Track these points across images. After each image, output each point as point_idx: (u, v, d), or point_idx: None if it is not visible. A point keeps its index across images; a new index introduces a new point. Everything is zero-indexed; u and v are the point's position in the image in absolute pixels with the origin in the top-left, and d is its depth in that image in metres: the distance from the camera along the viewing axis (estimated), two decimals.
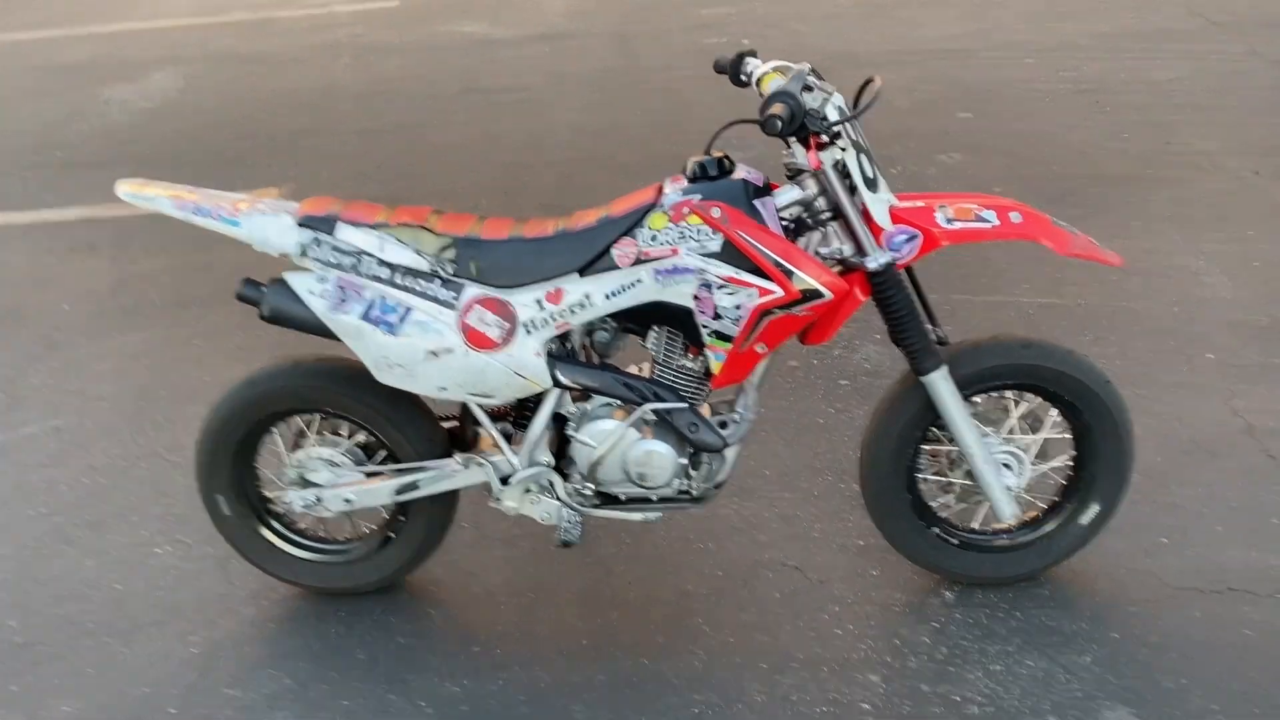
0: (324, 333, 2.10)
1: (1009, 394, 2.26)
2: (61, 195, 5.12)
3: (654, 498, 2.24)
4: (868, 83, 2.05)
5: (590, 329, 2.16)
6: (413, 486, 2.25)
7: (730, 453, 2.21)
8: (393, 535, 2.40)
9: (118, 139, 5.82)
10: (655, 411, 2.12)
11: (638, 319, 2.11)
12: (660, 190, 2.04)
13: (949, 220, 2.01)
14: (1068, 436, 2.29)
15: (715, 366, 2.07)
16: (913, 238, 2.02)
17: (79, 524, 2.78)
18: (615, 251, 2.01)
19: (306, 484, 2.30)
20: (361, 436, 2.31)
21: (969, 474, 2.25)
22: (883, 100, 2.02)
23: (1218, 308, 3.41)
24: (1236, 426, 2.84)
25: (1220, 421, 2.86)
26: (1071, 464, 2.32)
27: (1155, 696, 2.08)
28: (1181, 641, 2.20)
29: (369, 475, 2.29)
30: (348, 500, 2.28)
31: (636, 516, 2.26)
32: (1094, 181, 4.39)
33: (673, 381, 2.14)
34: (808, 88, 1.95)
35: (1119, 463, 2.24)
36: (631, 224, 2.01)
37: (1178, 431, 2.83)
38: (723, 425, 2.18)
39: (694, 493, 2.24)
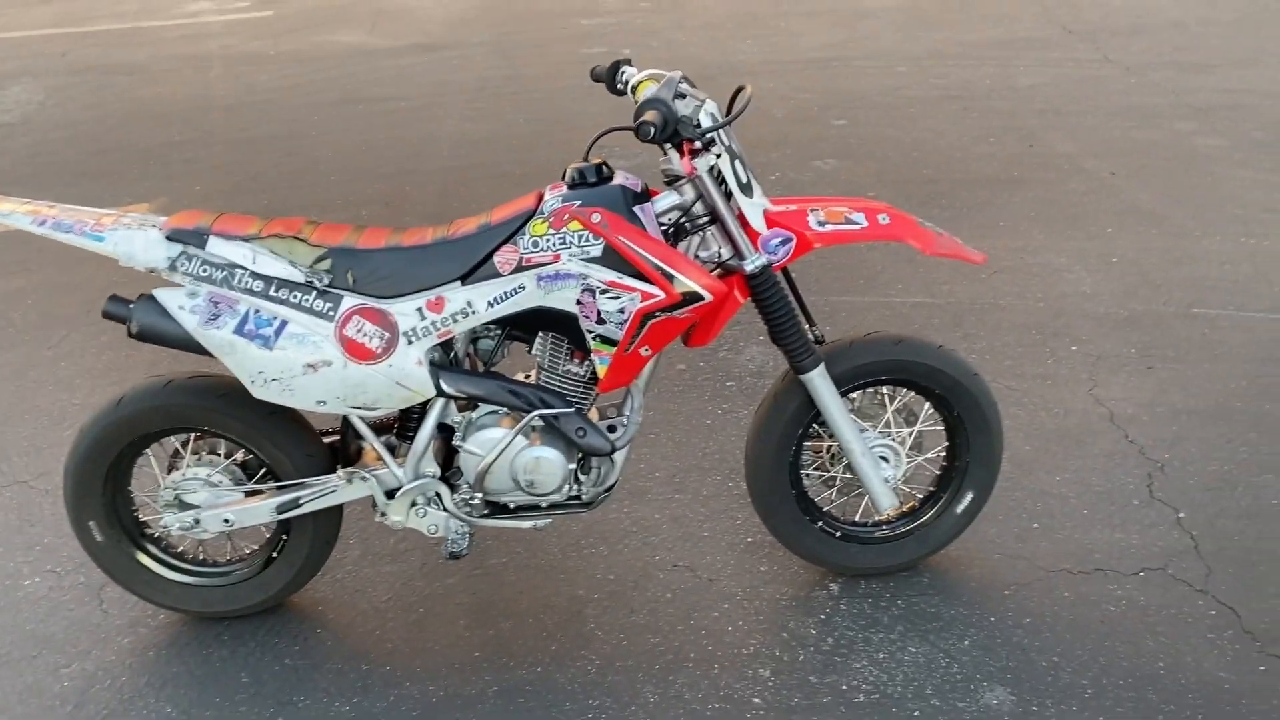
0: (196, 349, 2.04)
1: (884, 389, 2.33)
2: None
3: (544, 504, 2.24)
4: (739, 90, 2.09)
5: (474, 337, 2.16)
6: (294, 504, 2.20)
7: (619, 456, 2.22)
8: (276, 555, 2.34)
9: None
10: (542, 417, 2.13)
11: (522, 326, 2.12)
12: (540, 197, 2.05)
13: (821, 223, 2.07)
14: (941, 429, 2.37)
15: (601, 371, 2.08)
16: (787, 240, 2.07)
17: None
18: (497, 259, 2.01)
19: (184, 506, 2.23)
20: (240, 455, 2.25)
21: (849, 468, 2.32)
22: (761, 109, 2.07)
23: (1080, 302, 3.59)
24: (1099, 414, 2.98)
25: (1084, 410, 3.00)
26: (945, 455, 2.41)
27: (1031, 676, 2.17)
28: (1053, 621, 2.30)
29: (248, 494, 2.23)
30: (227, 521, 2.22)
31: (526, 524, 2.26)
32: (962, 184, 4.57)
33: (559, 387, 2.15)
34: (680, 95, 1.98)
35: (989, 452, 2.33)
36: (512, 231, 2.01)
37: (1045, 421, 2.96)
38: (611, 429, 2.20)
39: (584, 497, 2.25)
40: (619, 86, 2.28)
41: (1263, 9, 7.01)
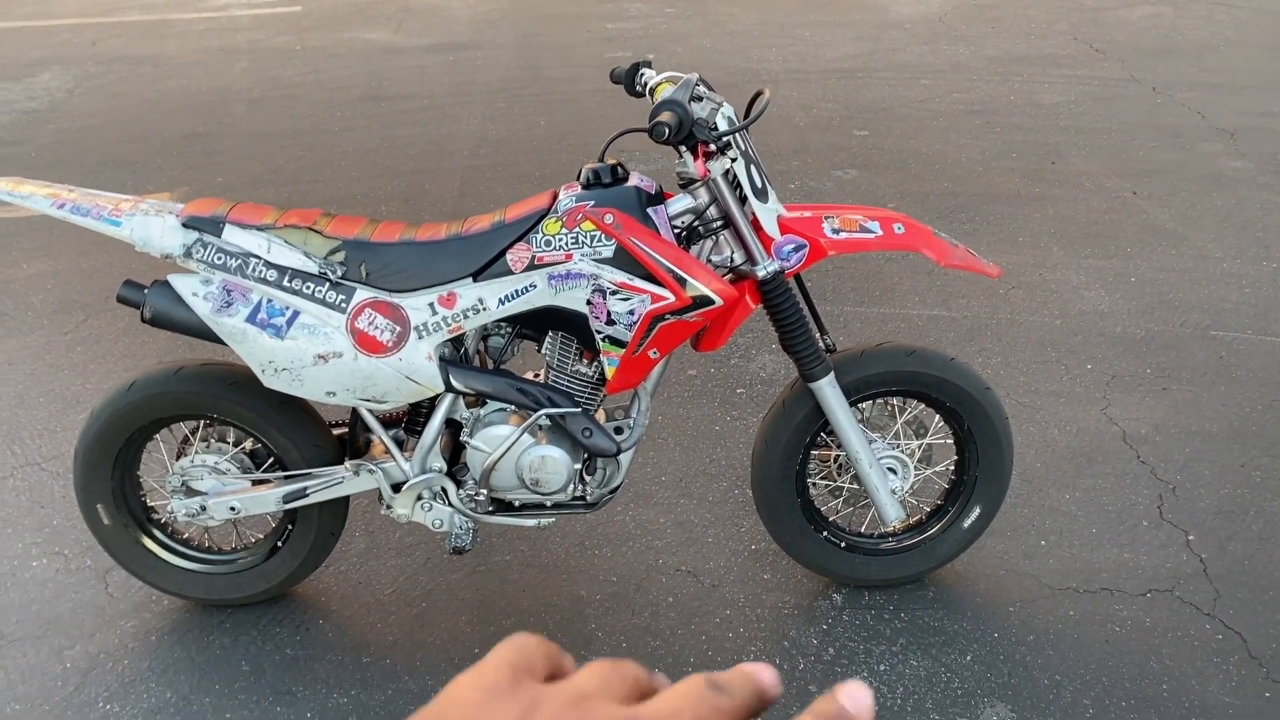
0: (208, 336, 2.05)
1: (894, 400, 2.32)
2: None
3: (548, 503, 2.24)
4: (758, 95, 2.09)
5: (484, 334, 2.16)
6: (301, 494, 2.21)
7: (625, 458, 2.22)
8: (281, 544, 2.35)
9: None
10: (549, 417, 2.13)
11: (532, 324, 2.12)
12: (555, 196, 2.05)
13: (835, 231, 2.07)
14: (950, 442, 2.36)
15: (609, 372, 2.08)
16: (800, 247, 2.06)
17: None
18: (509, 256, 2.01)
19: (191, 492, 2.24)
20: (248, 443, 2.27)
21: (856, 478, 2.31)
22: (782, 116, 2.07)
23: (1096, 320, 3.56)
24: (1112, 434, 2.96)
25: (1097, 429, 2.98)
26: (954, 468, 2.39)
27: (1032, 693, 2.15)
28: (1057, 639, 2.28)
29: (256, 483, 2.24)
30: (233, 508, 2.23)
31: (530, 522, 2.26)
32: (983, 198, 4.55)
33: (567, 386, 2.15)
34: (697, 97, 1.98)
35: (999, 467, 2.32)
36: (525, 229, 2.02)
37: (1056, 438, 2.95)
38: (617, 430, 2.20)
39: (588, 498, 2.25)
40: (638, 88, 2.28)
41: None
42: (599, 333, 2.03)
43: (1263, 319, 3.54)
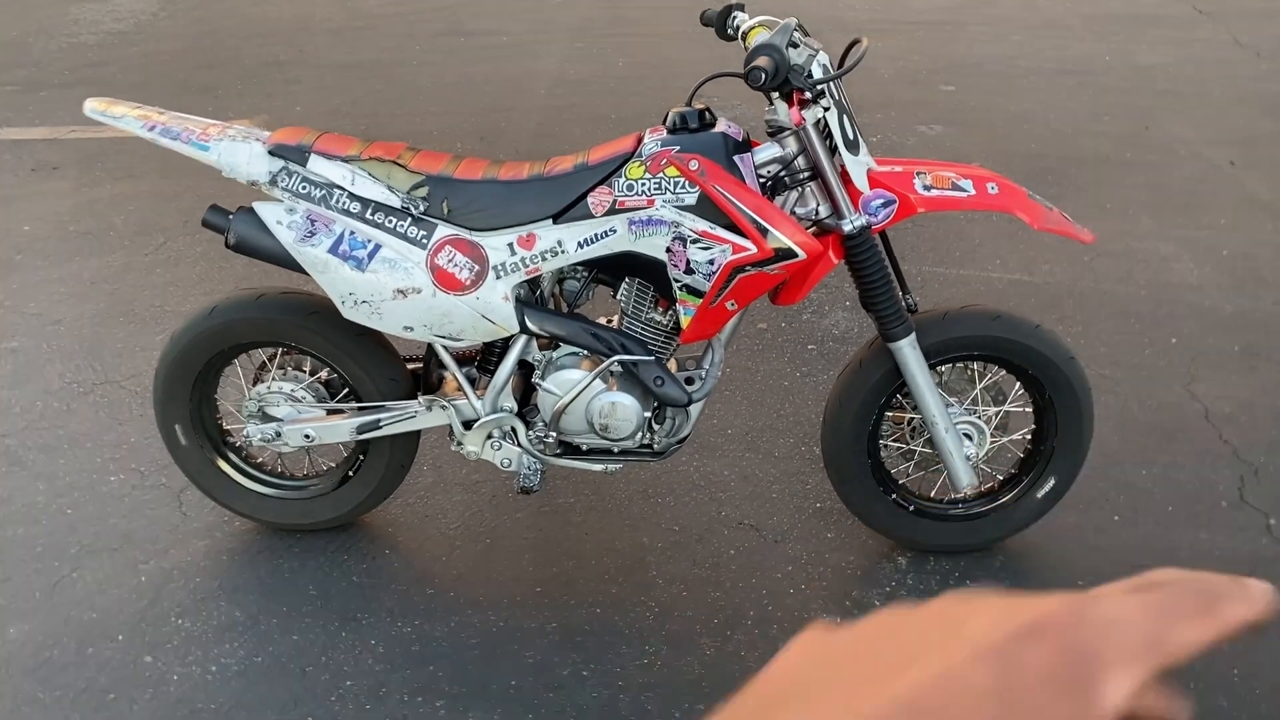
0: (290, 265, 2.06)
1: (975, 365, 2.27)
2: (25, 114, 5.00)
3: (615, 449, 2.24)
4: (854, 43, 2.03)
5: (561, 277, 2.14)
6: (374, 425, 2.23)
7: (694, 409, 2.21)
8: (352, 474, 2.38)
9: (85, 60, 5.68)
10: (622, 363, 2.11)
11: (609, 269, 2.10)
12: (639, 140, 2.01)
13: (926, 187, 2.01)
14: (1029, 410, 2.31)
15: (684, 321, 2.05)
16: (889, 203, 2.01)
17: (31, 447, 2.74)
18: (590, 199, 1.99)
19: (267, 418, 2.27)
20: (324, 373, 2.29)
21: (929, 442, 2.26)
22: (868, 68, 2.00)
23: (1184, 293, 3.45)
24: (1194, 411, 2.87)
25: (1179, 404, 2.90)
26: (1031, 437, 2.34)
27: None
28: None
29: (330, 412, 2.27)
30: (308, 436, 2.26)
31: (597, 467, 2.26)
32: (1071, 162, 4.41)
33: (641, 334, 2.13)
34: (793, 44, 1.92)
35: (1077, 439, 2.26)
36: (608, 173, 1.99)
37: (1136, 412, 2.87)
38: (689, 381, 2.18)
39: (656, 447, 2.24)
40: (729, 31, 2.23)
41: None
42: (677, 281, 2.01)
43: None
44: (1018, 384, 2.28)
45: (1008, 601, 0.38)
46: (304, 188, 2.02)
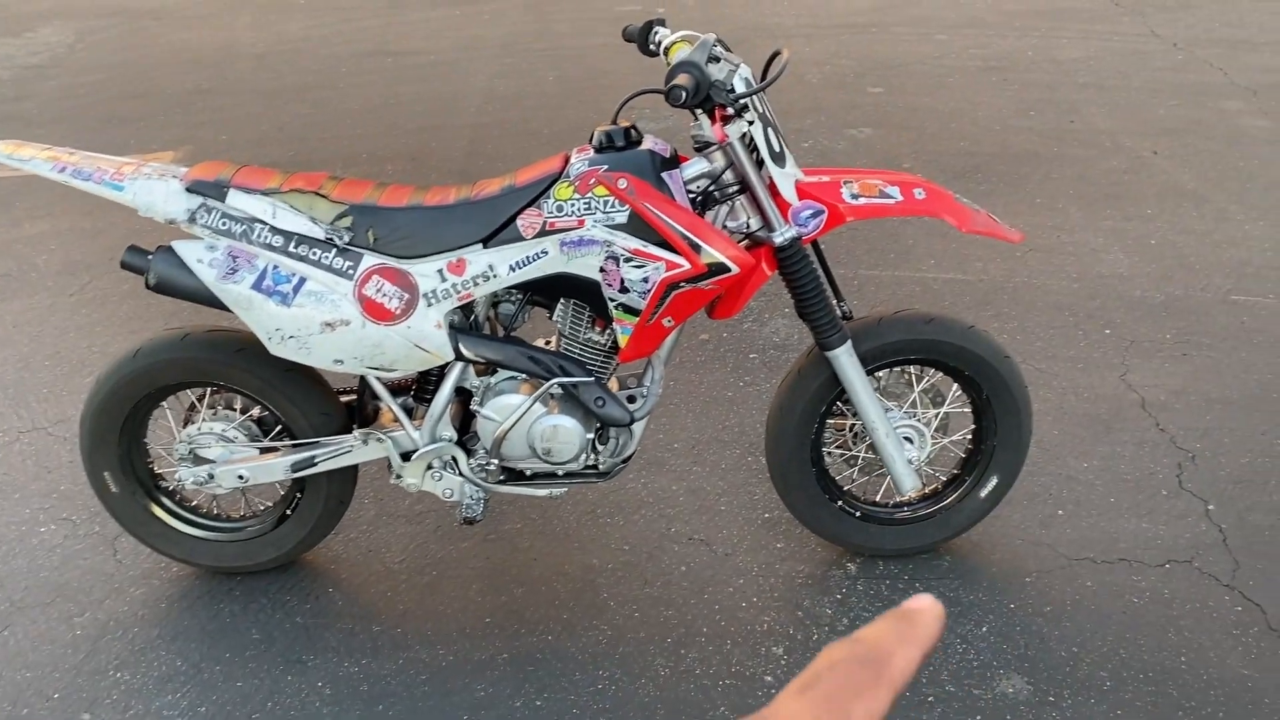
0: (214, 303, 2.01)
1: (912, 369, 2.28)
2: None
3: (560, 473, 2.21)
4: (775, 54, 2.03)
5: (495, 301, 2.12)
6: (309, 463, 2.18)
7: (637, 427, 2.19)
8: (289, 512, 2.33)
9: (1, 96, 5.53)
10: (561, 385, 2.09)
11: (543, 291, 2.08)
12: (566, 160, 2.00)
13: (854, 196, 2.01)
14: (968, 410, 2.32)
15: (622, 340, 2.04)
16: (819, 213, 2.01)
17: None
18: (520, 222, 1.96)
19: (199, 460, 2.21)
20: (256, 411, 2.23)
21: (872, 447, 2.27)
22: (795, 74, 2.01)
23: (1115, 284, 3.50)
24: (1130, 400, 2.92)
25: (1115, 395, 2.94)
26: (971, 437, 2.35)
27: (1049, 665, 2.13)
28: (1074, 611, 2.25)
29: (264, 451, 2.21)
30: (241, 476, 2.20)
31: (542, 492, 2.23)
32: (999, 158, 4.47)
33: (579, 355, 2.11)
34: (714, 58, 1.92)
35: (1017, 436, 2.28)
36: (537, 194, 1.96)
37: (1074, 405, 2.90)
38: (630, 399, 2.16)
39: (601, 467, 2.22)
40: (651, 47, 2.22)
41: None
42: (612, 300, 1.99)
43: None
44: (955, 385, 2.29)
45: None
46: (224, 224, 1.97)
